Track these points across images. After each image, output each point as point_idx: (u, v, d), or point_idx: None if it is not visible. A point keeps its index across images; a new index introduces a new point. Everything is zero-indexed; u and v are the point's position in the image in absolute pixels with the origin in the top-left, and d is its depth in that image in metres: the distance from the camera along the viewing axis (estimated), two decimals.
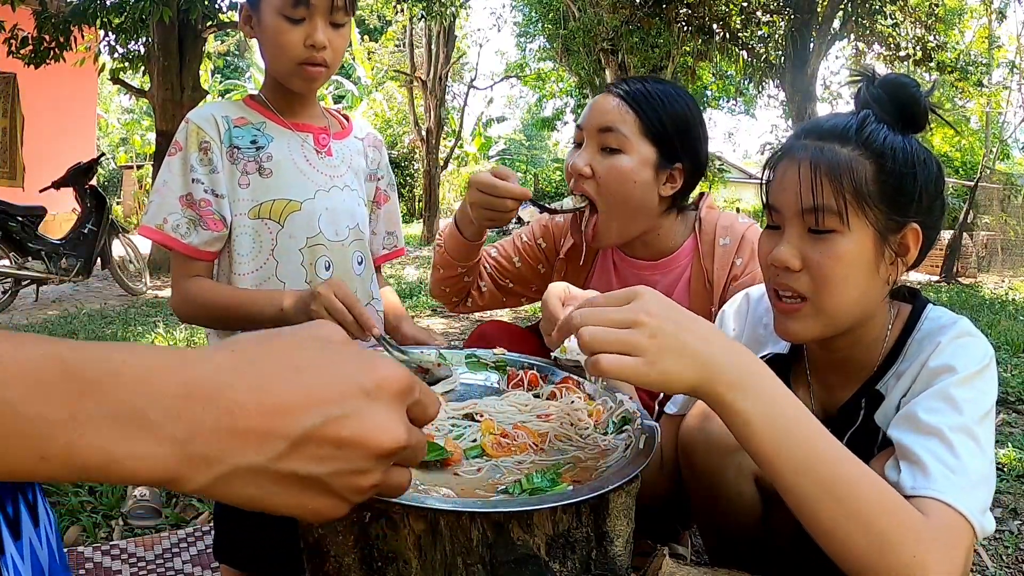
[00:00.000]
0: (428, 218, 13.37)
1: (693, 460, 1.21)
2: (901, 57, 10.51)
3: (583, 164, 1.46)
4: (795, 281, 1.05)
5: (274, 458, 0.43)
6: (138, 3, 6.12)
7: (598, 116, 1.47)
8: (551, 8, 15.05)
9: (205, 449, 0.42)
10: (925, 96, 1.06)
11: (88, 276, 6.21)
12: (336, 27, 1.26)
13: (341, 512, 0.48)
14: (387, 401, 0.47)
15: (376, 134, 1.52)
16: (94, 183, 6.38)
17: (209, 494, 0.44)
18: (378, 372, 0.47)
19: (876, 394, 1.08)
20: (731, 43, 10.47)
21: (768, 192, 1.10)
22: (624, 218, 1.48)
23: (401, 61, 16.36)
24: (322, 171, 1.34)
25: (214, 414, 0.42)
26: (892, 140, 1.03)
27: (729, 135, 43.44)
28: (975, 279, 9.24)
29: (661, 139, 1.45)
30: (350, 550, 0.81)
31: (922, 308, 1.10)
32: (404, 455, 0.49)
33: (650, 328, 0.78)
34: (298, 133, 1.33)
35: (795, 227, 1.05)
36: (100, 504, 2.06)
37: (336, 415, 0.44)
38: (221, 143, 1.29)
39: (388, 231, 1.53)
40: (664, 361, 0.78)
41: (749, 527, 1.23)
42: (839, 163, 1.01)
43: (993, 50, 16.66)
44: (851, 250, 1.01)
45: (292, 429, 0.43)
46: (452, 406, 1.08)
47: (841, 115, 1.09)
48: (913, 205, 1.03)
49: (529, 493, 0.82)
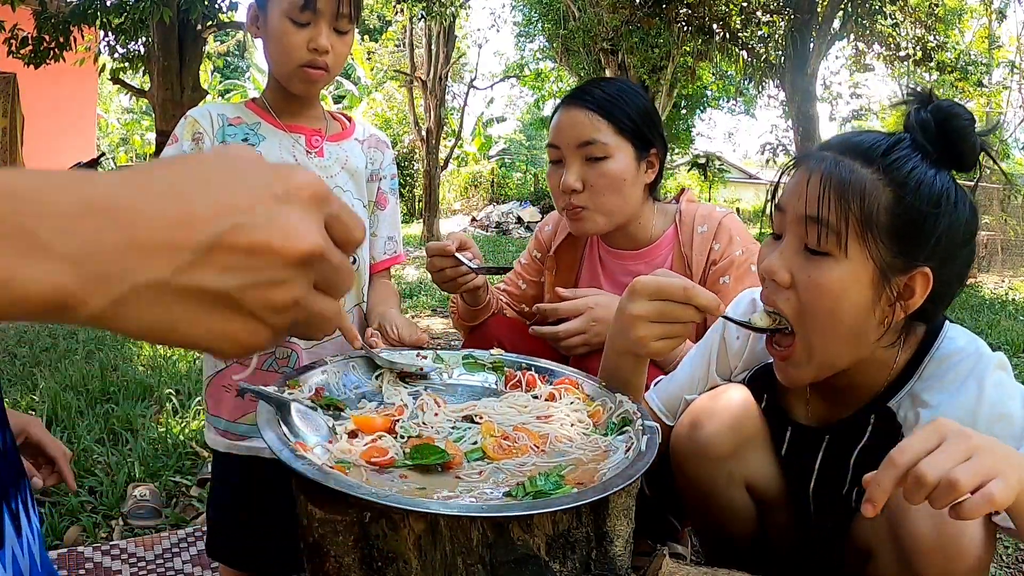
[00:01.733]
0: (428, 218, 13.36)
1: (683, 468, 1.21)
2: (901, 57, 10.51)
3: (574, 180, 1.52)
4: (782, 299, 1.00)
5: (178, 270, 0.39)
6: (138, 3, 6.12)
7: (574, 132, 1.53)
8: (551, 8, 15.05)
9: (102, 267, 0.38)
10: (980, 135, 0.97)
11: None
12: (340, 34, 1.29)
13: (260, 340, 0.43)
14: (301, 205, 0.43)
15: (380, 135, 1.52)
16: None
17: (110, 322, 0.39)
18: (291, 179, 0.44)
19: (887, 411, 1.05)
20: (731, 43, 10.46)
21: (777, 192, 1.06)
22: (614, 212, 1.55)
23: (401, 61, 16.35)
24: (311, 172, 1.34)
25: (112, 229, 0.38)
26: (921, 172, 0.95)
27: (729, 135, 43.47)
28: (975, 279, 9.23)
29: (634, 133, 1.54)
30: (350, 550, 0.81)
31: (939, 327, 1.05)
32: (327, 276, 0.44)
33: (981, 449, 0.75)
34: (290, 134, 1.34)
35: (793, 237, 0.99)
36: (100, 504, 2.06)
37: (245, 222, 0.41)
38: (213, 137, 1.31)
39: (388, 235, 1.53)
40: (1010, 476, 0.74)
41: (744, 532, 1.22)
42: (853, 182, 0.94)
43: (993, 50, 16.66)
44: (842, 280, 0.95)
45: (197, 238, 0.40)
46: (451, 408, 1.08)
47: (876, 133, 1.01)
48: (928, 248, 0.95)
49: (533, 496, 0.82)
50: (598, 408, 1.09)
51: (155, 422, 2.74)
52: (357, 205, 1.41)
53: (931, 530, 0.92)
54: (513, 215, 16.99)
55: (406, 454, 0.91)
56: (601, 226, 1.56)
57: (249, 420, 1.32)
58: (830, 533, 1.14)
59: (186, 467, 2.33)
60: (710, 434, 1.15)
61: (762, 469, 1.18)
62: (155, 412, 2.88)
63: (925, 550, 0.92)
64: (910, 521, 0.94)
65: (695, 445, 1.16)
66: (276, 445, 0.85)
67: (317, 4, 1.23)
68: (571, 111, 1.54)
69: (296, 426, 0.93)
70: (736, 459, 1.16)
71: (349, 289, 0.50)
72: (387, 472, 0.88)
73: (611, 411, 1.07)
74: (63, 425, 2.64)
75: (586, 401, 1.12)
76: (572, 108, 1.54)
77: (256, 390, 0.98)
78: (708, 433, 1.15)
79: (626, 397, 1.08)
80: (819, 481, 1.15)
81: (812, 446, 1.15)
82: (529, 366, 1.23)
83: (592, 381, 1.18)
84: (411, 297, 6.30)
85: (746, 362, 1.25)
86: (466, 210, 20.08)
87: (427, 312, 5.66)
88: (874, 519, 1.03)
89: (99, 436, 2.55)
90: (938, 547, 0.91)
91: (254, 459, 1.33)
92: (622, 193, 1.54)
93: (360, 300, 1.42)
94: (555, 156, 1.57)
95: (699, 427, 1.16)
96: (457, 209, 20.22)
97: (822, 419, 1.16)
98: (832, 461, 1.13)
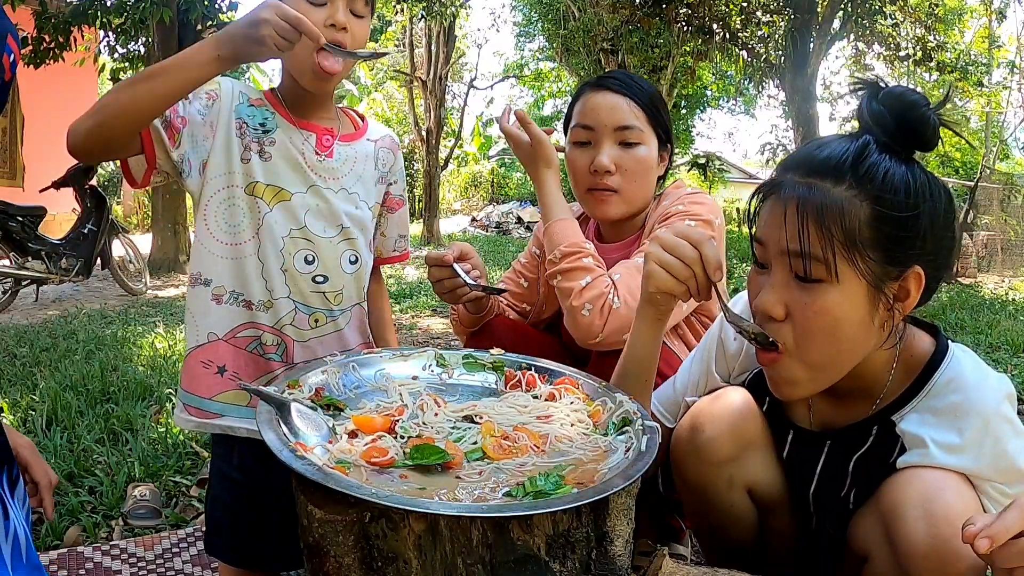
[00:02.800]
0: (428, 218, 13.37)
1: (684, 472, 1.20)
2: (901, 57, 10.52)
3: (608, 162, 1.53)
4: (778, 331, 0.98)
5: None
6: (138, 3, 6.13)
7: (612, 115, 1.53)
8: (551, 8, 15.05)
9: None
10: (935, 112, 0.96)
11: (88, 276, 6.21)
12: (357, 17, 1.28)
13: None
14: None
15: (392, 137, 1.51)
16: (94, 183, 6.38)
17: None
18: None
19: (891, 424, 1.05)
20: (731, 43, 10.47)
21: (754, 224, 1.02)
22: (636, 199, 1.57)
23: (401, 61, 16.35)
24: (318, 172, 1.34)
25: None
26: (894, 174, 0.93)
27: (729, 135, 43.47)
28: (975, 279, 9.23)
29: (660, 126, 1.59)
30: (350, 550, 0.81)
31: (945, 347, 1.04)
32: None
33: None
34: (301, 131, 1.34)
35: (780, 269, 0.97)
36: (100, 504, 2.06)
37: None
38: (230, 111, 1.29)
39: (400, 234, 1.54)
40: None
41: (744, 536, 1.22)
42: (829, 207, 0.91)
43: (993, 50, 16.67)
44: (838, 302, 0.93)
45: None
46: (451, 408, 1.08)
47: (837, 143, 0.98)
48: (916, 248, 0.94)
49: (533, 496, 0.82)
50: (598, 408, 1.09)
51: (155, 422, 2.74)
52: (363, 207, 1.40)
53: (925, 534, 0.92)
54: (513, 215, 16.99)
55: (406, 454, 0.91)
56: (622, 212, 1.57)
57: (225, 399, 1.30)
58: (830, 536, 1.14)
59: (186, 467, 2.33)
60: (710, 438, 1.14)
61: (763, 473, 1.18)
62: (155, 412, 2.87)
63: (920, 554, 0.92)
64: (905, 525, 0.94)
65: (695, 448, 1.16)
66: (276, 445, 0.85)
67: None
68: (606, 94, 1.55)
69: (296, 426, 0.93)
70: (737, 463, 1.15)
71: None
72: (387, 472, 0.88)
73: (611, 411, 1.07)
74: (63, 425, 2.64)
75: (586, 401, 1.12)
76: (607, 92, 1.55)
77: (256, 390, 0.98)
78: (708, 437, 1.14)
79: (626, 397, 1.08)
80: (819, 485, 1.15)
81: (813, 450, 1.15)
82: (529, 366, 1.23)
83: (592, 381, 1.18)
84: (411, 297, 6.30)
85: (742, 365, 1.25)
86: (466, 210, 20.09)
87: (427, 312, 5.66)
88: (869, 521, 1.03)
89: (99, 436, 2.55)
90: (933, 551, 0.91)
91: (248, 451, 1.32)
92: (647, 181, 1.57)
93: (361, 299, 1.42)
94: (585, 137, 1.56)
95: (699, 431, 1.15)
96: (457, 209, 20.23)
97: (824, 424, 1.15)
98: (832, 466, 1.13)
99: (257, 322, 1.31)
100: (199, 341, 1.32)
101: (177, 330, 4.55)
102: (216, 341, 1.31)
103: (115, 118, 1.14)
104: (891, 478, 1.01)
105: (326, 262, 1.34)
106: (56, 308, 5.88)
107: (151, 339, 4.29)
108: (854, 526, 1.08)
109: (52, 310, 5.77)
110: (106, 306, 5.93)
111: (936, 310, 6.08)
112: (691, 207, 1.51)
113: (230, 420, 1.31)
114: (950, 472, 0.97)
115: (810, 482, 1.16)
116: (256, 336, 1.32)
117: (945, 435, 0.99)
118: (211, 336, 1.31)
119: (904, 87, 0.97)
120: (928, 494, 0.95)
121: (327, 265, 1.34)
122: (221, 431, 1.32)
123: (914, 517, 0.94)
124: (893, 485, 1.00)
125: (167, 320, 5.03)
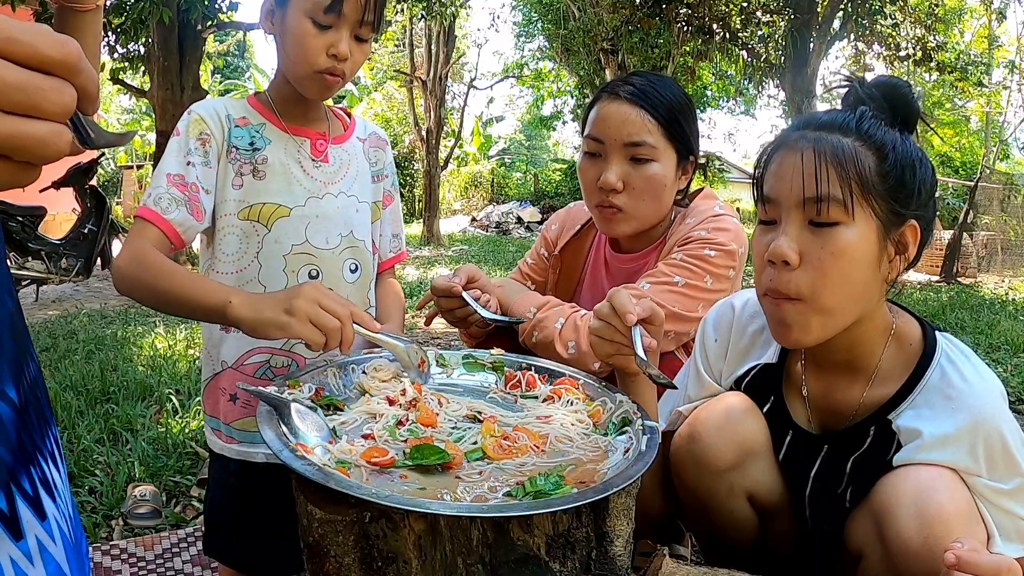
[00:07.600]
0: (428, 218, 13.37)
1: (683, 479, 1.20)
2: (901, 57, 10.51)
3: (615, 180, 1.44)
4: (792, 280, 1.01)
5: None
6: (138, 3, 6.13)
7: (623, 129, 1.44)
8: (551, 8, 15.05)
9: None
10: (917, 99, 1.07)
11: (88, 276, 6.21)
12: (360, 41, 1.26)
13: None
14: None
15: (380, 133, 1.50)
16: (94, 183, 6.38)
17: None
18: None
19: (888, 423, 1.07)
20: (731, 43, 10.46)
21: (762, 185, 1.07)
22: (646, 217, 1.49)
23: (401, 61, 16.36)
24: (316, 178, 1.32)
25: None
26: (891, 135, 1.02)
27: (729, 135, 43.41)
28: (975, 279, 9.23)
29: (680, 139, 1.47)
30: (350, 550, 0.81)
31: (934, 343, 1.08)
32: (9, 98, 0.40)
33: None
34: (295, 138, 1.32)
35: (794, 220, 1.01)
36: (100, 504, 2.06)
37: None
38: (223, 141, 1.28)
39: (394, 233, 1.52)
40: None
41: (745, 542, 1.22)
42: (844, 151, 0.99)
43: (993, 50, 16.66)
44: (854, 243, 0.99)
45: None
46: (452, 407, 1.08)
47: (837, 111, 1.08)
48: (913, 200, 1.02)
49: (533, 496, 0.82)
50: (598, 408, 1.09)
51: (155, 422, 2.74)
52: (363, 207, 1.40)
53: (917, 532, 0.92)
54: (513, 215, 16.99)
55: (406, 454, 0.91)
56: (631, 230, 1.50)
57: (241, 425, 1.31)
58: (828, 536, 1.14)
59: (186, 467, 2.33)
60: (708, 446, 1.15)
61: (764, 478, 1.17)
62: (155, 412, 2.87)
63: (912, 552, 0.92)
64: (897, 523, 0.95)
65: (694, 457, 1.16)
66: (276, 445, 0.85)
67: (343, 8, 1.19)
68: (621, 105, 1.45)
69: (296, 426, 0.93)
70: (737, 471, 1.15)
71: (60, 102, 0.43)
72: (387, 472, 0.88)
73: (611, 411, 1.07)
74: (63, 425, 2.64)
75: (586, 401, 1.12)
76: (622, 102, 1.45)
77: (256, 390, 0.98)
78: (706, 445, 1.15)
79: (626, 397, 1.08)
80: (815, 486, 1.15)
81: (810, 452, 1.15)
82: (529, 366, 1.23)
83: (592, 381, 1.18)
84: (410, 297, 6.30)
85: (731, 363, 1.24)
86: (466, 210, 20.08)
87: None
88: (863, 519, 1.04)
89: (99, 436, 2.55)
90: (924, 549, 0.91)
91: (246, 462, 1.32)
92: (660, 199, 1.46)
93: (365, 307, 1.41)
94: (595, 149, 1.48)
95: (697, 439, 1.15)
96: (457, 209, 20.22)
97: (823, 426, 1.16)
98: (828, 467, 1.13)
99: (266, 346, 1.30)
100: (214, 370, 1.32)
101: (177, 330, 4.55)
102: (227, 370, 1.31)
103: (141, 294, 1.20)
104: (885, 476, 1.02)
105: (329, 275, 1.33)
106: (56, 308, 5.88)
107: (151, 339, 4.29)
108: (850, 525, 1.08)
109: (52, 310, 5.77)
110: (106, 306, 5.93)
111: (936, 310, 6.09)
112: (714, 234, 1.44)
113: (247, 447, 1.31)
114: (943, 469, 0.98)
115: (806, 483, 1.16)
116: (265, 360, 1.31)
117: (939, 427, 1.01)
118: (223, 364, 1.31)
119: (891, 76, 1.11)
120: (921, 493, 0.96)
121: (330, 278, 1.33)
122: (239, 456, 1.32)
123: (906, 516, 0.95)
124: (887, 483, 1.01)
125: (167, 320, 5.03)
